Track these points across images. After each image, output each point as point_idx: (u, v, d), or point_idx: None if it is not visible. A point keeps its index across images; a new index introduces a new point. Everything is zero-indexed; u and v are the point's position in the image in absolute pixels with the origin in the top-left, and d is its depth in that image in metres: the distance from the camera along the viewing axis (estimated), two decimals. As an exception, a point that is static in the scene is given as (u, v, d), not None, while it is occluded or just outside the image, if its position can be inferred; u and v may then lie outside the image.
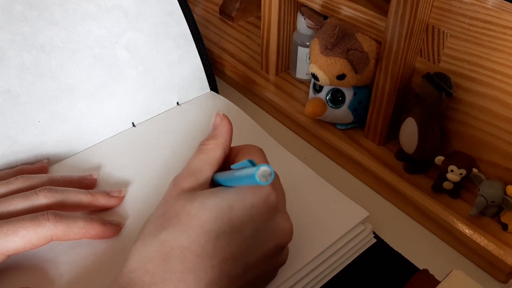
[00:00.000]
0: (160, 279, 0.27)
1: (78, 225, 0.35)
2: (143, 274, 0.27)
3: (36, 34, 0.44)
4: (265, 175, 0.27)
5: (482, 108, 0.40)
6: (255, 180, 0.27)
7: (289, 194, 0.42)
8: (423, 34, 0.42)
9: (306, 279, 0.37)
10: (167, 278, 0.27)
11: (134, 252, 0.29)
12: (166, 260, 0.28)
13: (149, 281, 0.27)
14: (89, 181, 0.42)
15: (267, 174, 0.27)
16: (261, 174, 0.27)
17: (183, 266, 0.27)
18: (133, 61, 0.49)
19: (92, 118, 0.47)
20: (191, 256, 0.28)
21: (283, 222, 0.32)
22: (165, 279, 0.27)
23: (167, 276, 0.27)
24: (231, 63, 0.60)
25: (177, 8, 0.52)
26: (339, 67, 0.44)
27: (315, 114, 0.48)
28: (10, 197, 0.36)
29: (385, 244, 0.42)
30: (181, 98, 0.53)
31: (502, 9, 0.36)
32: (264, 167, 0.27)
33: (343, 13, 0.47)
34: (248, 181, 0.28)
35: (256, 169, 0.27)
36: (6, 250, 0.33)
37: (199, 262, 0.28)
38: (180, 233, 0.28)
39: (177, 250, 0.28)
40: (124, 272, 0.28)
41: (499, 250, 0.38)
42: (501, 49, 0.37)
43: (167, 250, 0.28)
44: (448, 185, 0.42)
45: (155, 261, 0.28)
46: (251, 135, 0.49)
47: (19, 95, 0.43)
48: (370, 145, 0.49)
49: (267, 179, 0.27)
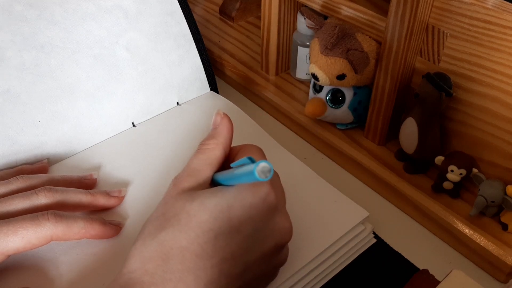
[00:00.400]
0: (159, 279, 0.27)
1: (78, 225, 0.35)
2: (142, 275, 0.27)
3: (36, 34, 0.44)
4: (264, 171, 0.27)
5: (482, 108, 0.40)
6: (255, 176, 0.26)
7: (289, 194, 0.42)
8: (423, 34, 0.42)
9: (306, 279, 0.37)
10: (166, 278, 0.27)
11: (133, 252, 0.29)
12: (166, 260, 0.28)
13: (148, 281, 0.27)
14: (89, 181, 0.42)
15: (266, 170, 0.27)
16: (260, 170, 0.27)
17: (183, 266, 0.27)
18: (133, 61, 0.49)
19: (92, 118, 0.47)
20: (190, 256, 0.28)
21: (283, 222, 0.32)
22: (164, 279, 0.27)
23: (167, 276, 0.27)
24: (231, 63, 0.60)
25: (177, 8, 0.52)
26: (339, 67, 0.44)
27: (315, 114, 0.48)
28: (10, 197, 0.36)
29: (385, 244, 0.42)
30: (181, 98, 0.53)
31: (502, 9, 0.36)
32: (263, 163, 0.27)
33: (343, 13, 0.46)
34: (247, 178, 0.28)
35: (255, 165, 0.27)
36: (6, 250, 0.33)
37: (199, 262, 0.28)
38: (180, 233, 0.28)
39: (176, 250, 0.28)
40: (123, 272, 0.28)
41: (499, 250, 0.38)
42: (501, 49, 0.37)
43: (167, 250, 0.28)
44: (448, 185, 0.42)
45: (155, 261, 0.28)
46: (251, 135, 0.49)
47: (19, 95, 0.43)
48: (370, 145, 0.49)
49: (266, 175, 0.27)
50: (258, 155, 0.34)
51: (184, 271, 0.27)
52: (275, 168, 0.44)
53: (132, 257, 0.28)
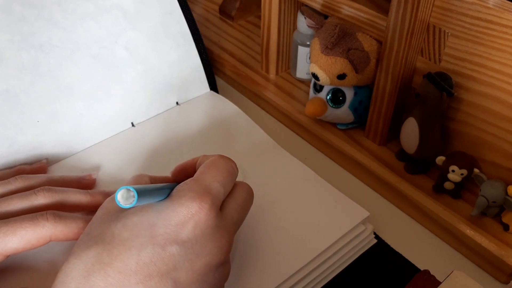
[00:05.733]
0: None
1: (77, 225, 0.35)
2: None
3: (35, 34, 0.44)
4: (124, 197, 0.27)
5: (484, 108, 0.40)
6: (117, 201, 0.27)
7: (289, 195, 0.42)
8: (424, 33, 0.42)
9: (306, 280, 0.37)
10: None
11: (59, 273, 0.28)
12: (87, 277, 0.27)
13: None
14: (88, 181, 0.42)
15: (130, 196, 0.27)
16: (121, 196, 0.27)
17: (105, 283, 0.27)
18: (132, 61, 0.49)
19: (91, 118, 0.47)
20: (113, 272, 0.27)
21: (217, 240, 0.31)
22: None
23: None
24: (231, 63, 0.60)
25: (176, 7, 0.52)
26: (339, 66, 0.44)
27: (315, 114, 0.48)
28: (9, 197, 0.35)
29: (386, 245, 0.41)
30: (181, 98, 0.53)
31: (503, 8, 0.36)
32: (123, 190, 0.27)
33: (344, 12, 0.46)
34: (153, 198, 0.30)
35: (117, 192, 0.27)
36: (5, 251, 0.32)
37: (122, 278, 0.27)
38: (102, 250, 0.28)
39: (98, 266, 0.27)
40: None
41: (500, 251, 0.38)
42: (503, 48, 0.37)
43: (88, 267, 0.28)
44: (449, 185, 0.42)
45: (77, 279, 0.27)
46: (250, 136, 0.49)
47: (18, 95, 0.43)
48: (370, 145, 0.48)
49: (127, 202, 0.27)
50: (214, 171, 0.33)
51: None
52: (275, 169, 0.44)
53: (57, 278, 0.28)
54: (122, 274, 0.27)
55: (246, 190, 0.35)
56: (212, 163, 0.34)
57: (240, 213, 0.34)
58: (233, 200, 0.34)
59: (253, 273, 0.36)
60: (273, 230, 0.39)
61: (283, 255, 0.37)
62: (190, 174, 0.34)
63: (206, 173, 0.33)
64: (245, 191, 0.35)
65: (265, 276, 0.36)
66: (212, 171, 0.33)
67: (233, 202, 0.34)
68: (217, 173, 0.33)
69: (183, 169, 0.36)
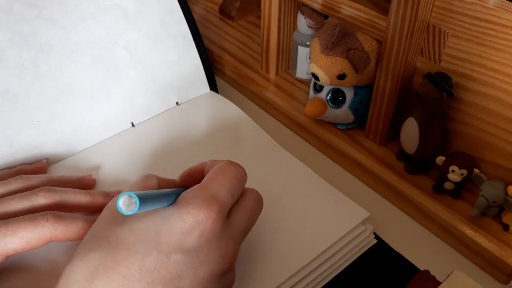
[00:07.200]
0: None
1: (77, 225, 0.35)
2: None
3: (35, 34, 0.44)
4: (126, 204, 0.26)
5: (484, 108, 0.40)
6: (118, 208, 0.26)
7: (289, 195, 0.42)
8: (424, 33, 0.42)
9: (306, 280, 0.37)
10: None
11: (63, 275, 0.28)
12: (90, 281, 0.27)
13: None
14: (88, 181, 0.42)
15: (132, 202, 0.26)
16: (122, 202, 0.26)
17: (108, 287, 0.27)
18: (132, 61, 0.49)
19: (91, 118, 0.47)
20: (116, 277, 0.27)
21: (222, 249, 0.30)
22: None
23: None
24: (231, 63, 0.60)
25: (176, 7, 0.52)
26: (339, 66, 0.44)
27: (315, 114, 0.48)
28: (9, 197, 0.35)
29: (386, 245, 0.41)
30: (181, 98, 0.53)
31: (503, 8, 0.36)
32: (125, 196, 0.26)
33: (344, 13, 0.46)
34: (161, 203, 0.29)
35: (119, 198, 0.26)
36: (5, 251, 0.32)
37: (125, 284, 0.27)
38: (107, 254, 0.28)
39: (101, 270, 0.27)
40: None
41: (500, 251, 0.38)
42: (503, 48, 0.37)
43: (92, 270, 0.27)
44: (449, 185, 0.42)
45: (80, 282, 0.27)
46: (250, 136, 0.49)
47: (18, 95, 0.43)
48: (370, 145, 0.48)
49: (128, 208, 0.26)
50: (223, 178, 0.32)
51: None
52: (275, 169, 0.44)
53: (60, 280, 0.28)
54: (126, 280, 0.27)
55: (255, 198, 0.35)
56: (221, 169, 0.33)
57: (247, 221, 0.33)
58: (241, 208, 0.33)
59: (253, 273, 0.36)
60: (272, 230, 0.39)
61: (283, 255, 0.37)
62: (198, 179, 0.33)
63: (214, 179, 0.32)
64: (254, 199, 0.34)
65: (265, 276, 0.36)
66: (220, 178, 0.32)
67: (241, 210, 0.33)
68: (225, 180, 0.32)
69: (191, 174, 0.36)
